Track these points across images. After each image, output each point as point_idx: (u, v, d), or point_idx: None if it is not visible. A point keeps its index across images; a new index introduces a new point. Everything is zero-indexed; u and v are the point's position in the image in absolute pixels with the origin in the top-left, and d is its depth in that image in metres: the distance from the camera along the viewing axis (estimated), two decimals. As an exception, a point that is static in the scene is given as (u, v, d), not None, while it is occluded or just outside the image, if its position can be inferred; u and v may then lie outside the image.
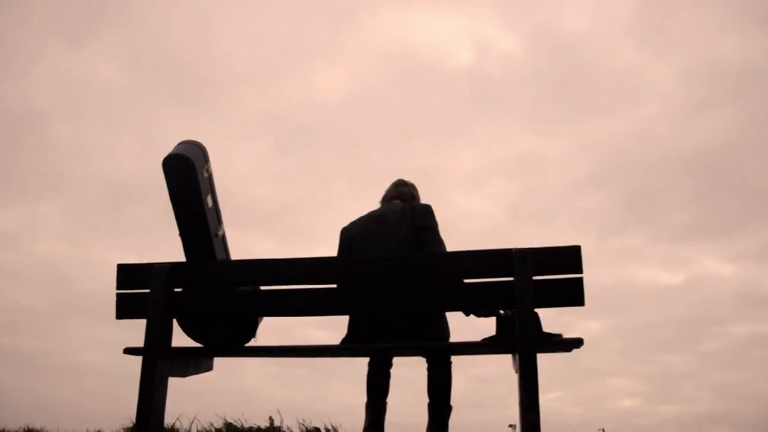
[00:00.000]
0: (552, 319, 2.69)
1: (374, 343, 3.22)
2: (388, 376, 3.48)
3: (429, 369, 3.42)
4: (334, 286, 2.75)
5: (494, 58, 14.40)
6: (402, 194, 3.77)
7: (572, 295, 2.48)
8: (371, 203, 3.65)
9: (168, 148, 2.84)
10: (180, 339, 2.86)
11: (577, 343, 2.55)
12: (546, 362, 2.45)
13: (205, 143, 2.92)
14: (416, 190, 3.88)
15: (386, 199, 3.78)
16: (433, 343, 3.18)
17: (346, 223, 3.61)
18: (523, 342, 2.41)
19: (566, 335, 2.65)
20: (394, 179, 3.86)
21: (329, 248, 3.48)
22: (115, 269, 2.83)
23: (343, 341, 3.31)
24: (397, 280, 2.70)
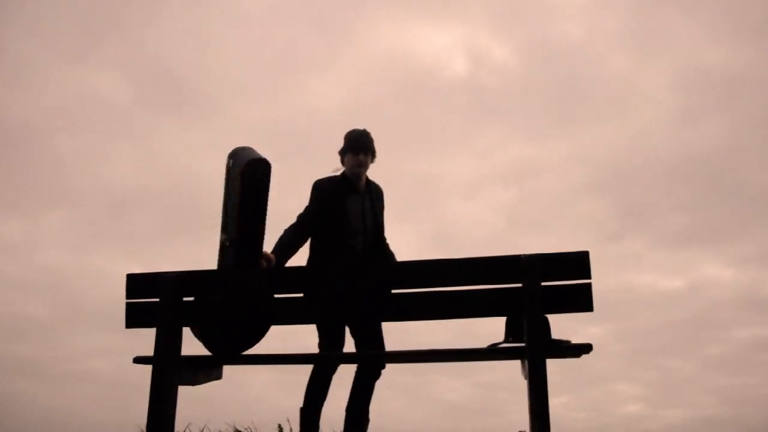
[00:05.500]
0: (553, 324, 2.70)
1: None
2: (330, 383, 3.41)
3: (361, 378, 3.37)
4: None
5: (489, 68, 14.48)
6: None
7: (580, 300, 2.48)
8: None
9: (167, 159, 2.87)
10: (189, 347, 2.87)
11: (586, 348, 2.55)
12: (551, 367, 2.45)
13: (204, 154, 2.96)
14: (342, 146, 3.61)
15: None
16: (442, 350, 3.18)
17: None
18: (533, 348, 2.42)
19: (568, 340, 2.66)
20: (390, 187, 3.77)
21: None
22: (119, 278, 2.87)
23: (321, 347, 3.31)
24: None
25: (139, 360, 2.83)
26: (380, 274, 2.80)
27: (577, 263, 2.49)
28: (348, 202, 3.45)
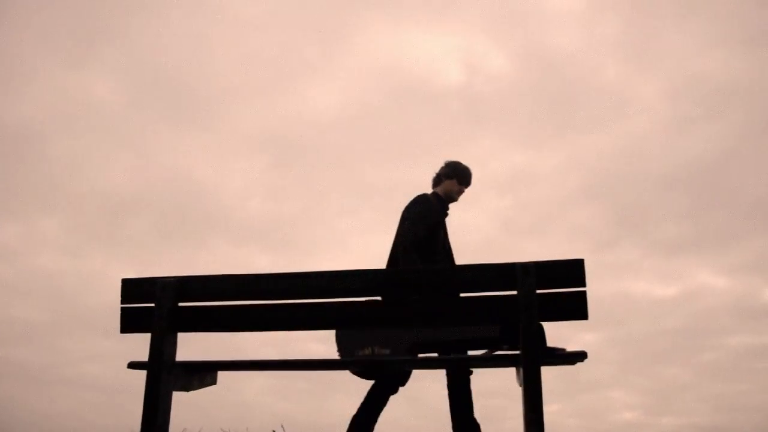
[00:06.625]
0: (548, 332, 2.70)
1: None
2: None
3: (452, 382, 3.39)
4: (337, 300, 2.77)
5: (484, 76, 14.57)
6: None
7: (575, 308, 2.49)
8: (364, 217, 3.69)
9: (163, 164, 2.90)
10: (184, 353, 2.87)
11: (580, 356, 2.56)
12: (545, 374, 2.45)
13: (201, 160, 2.97)
14: (444, 169, 3.76)
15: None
16: (437, 356, 3.18)
17: (341, 236, 3.61)
18: (528, 355, 2.42)
19: (563, 348, 2.67)
20: (386, 194, 3.83)
21: (325, 262, 3.50)
22: (114, 282, 2.86)
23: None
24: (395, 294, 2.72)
25: (133, 365, 2.83)
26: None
27: (572, 271, 2.50)
28: (443, 221, 3.60)
